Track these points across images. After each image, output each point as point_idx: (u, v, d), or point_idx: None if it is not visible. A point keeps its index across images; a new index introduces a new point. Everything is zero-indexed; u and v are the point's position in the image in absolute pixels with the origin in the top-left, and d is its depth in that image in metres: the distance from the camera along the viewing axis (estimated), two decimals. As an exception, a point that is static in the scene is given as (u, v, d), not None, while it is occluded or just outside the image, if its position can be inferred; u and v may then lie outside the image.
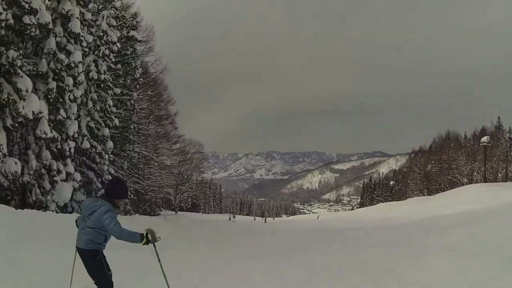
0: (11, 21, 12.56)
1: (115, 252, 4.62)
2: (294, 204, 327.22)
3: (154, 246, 4.42)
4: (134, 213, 27.12)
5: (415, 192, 72.02)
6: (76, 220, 4.72)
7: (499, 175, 56.84)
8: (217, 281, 6.72)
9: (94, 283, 4.33)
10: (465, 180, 59.18)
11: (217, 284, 6.53)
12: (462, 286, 6.36)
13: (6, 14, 12.27)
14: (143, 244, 4.24)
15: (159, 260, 4.60)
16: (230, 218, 61.53)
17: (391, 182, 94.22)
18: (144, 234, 4.25)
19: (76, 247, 4.36)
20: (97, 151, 20.55)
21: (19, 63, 12.68)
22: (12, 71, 12.64)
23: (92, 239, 4.25)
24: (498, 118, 64.43)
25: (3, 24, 12.18)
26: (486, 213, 17.50)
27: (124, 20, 25.63)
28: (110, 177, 22.15)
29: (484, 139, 49.02)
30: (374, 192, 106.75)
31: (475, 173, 59.27)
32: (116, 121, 22.18)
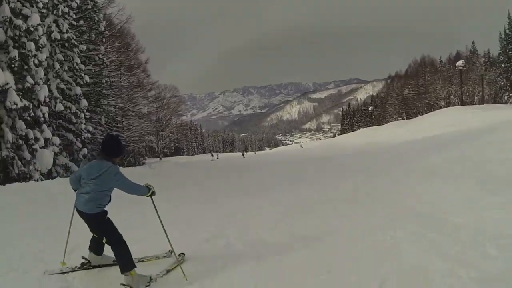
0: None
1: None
2: (276, 136, 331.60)
3: (152, 199, 4.68)
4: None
5: (394, 117, 73.42)
6: (71, 180, 4.64)
7: (476, 98, 58.10)
8: (204, 225, 7.02)
9: (105, 242, 4.46)
10: (443, 104, 60.53)
11: (203, 227, 6.83)
12: (444, 207, 6.82)
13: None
14: (147, 196, 4.56)
15: (156, 211, 4.79)
16: (212, 157, 62.08)
17: (370, 108, 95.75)
18: (149, 186, 4.56)
19: (79, 211, 4.36)
20: (72, 112, 20.26)
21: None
22: (-33, 46, 12.11)
23: (101, 203, 4.32)
24: (473, 43, 64.89)
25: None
26: (464, 135, 18.21)
27: (79, -28, 24.23)
28: (89, 135, 22.05)
29: (460, 63, 49.96)
30: (354, 118, 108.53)
31: (452, 96, 60.59)
32: (87, 78, 21.69)
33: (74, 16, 20.74)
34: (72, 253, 5.30)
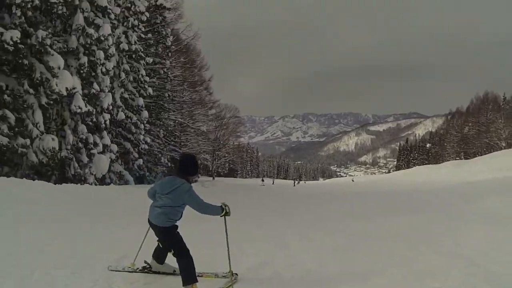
0: (37, 1, 12.59)
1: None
2: (331, 166, 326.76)
3: (225, 218, 4.77)
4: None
5: (451, 156, 70.32)
6: (148, 193, 4.90)
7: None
8: (254, 250, 6.75)
9: (172, 254, 4.64)
10: (504, 144, 57.06)
11: (253, 251, 6.56)
12: (502, 259, 6.04)
13: (31, -5, 12.26)
14: (221, 216, 4.64)
15: (226, 231, 4.88)
16: (262, 182, 61.52)
17: (428, 145, 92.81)
18: (223, 206, 4.64)
19: (151, 222, 4.59)
20: (133, 122, 20.85)
21: (48, 41, 12.80)
22: (43, 51, 12.77)
23: (172, 217, 4.47)
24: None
25: (29, 6, 12.22)
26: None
27: (152, -12, 25.31)
28: (146, 147, 22.48)
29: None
30: (411, 154, 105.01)
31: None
32: (150, 90, 22.31)
33: (143, 29, 21.57)
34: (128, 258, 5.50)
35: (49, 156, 13.00)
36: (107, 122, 17.05)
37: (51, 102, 13.56)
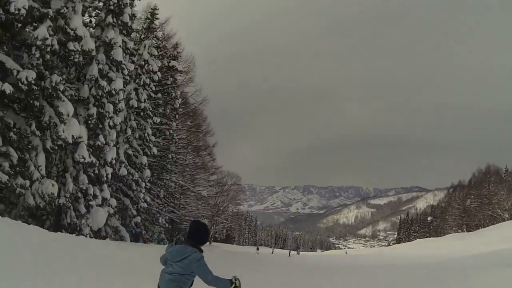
0: (56, 46, 12.94)
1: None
2: (330, 239, 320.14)
3: None
4: (168, 242, 26.78)
5: (453, 228, 69.38)
6: (161, 260, 4.75)
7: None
8: None
9: None
10: (506, 216, 56.76)
11: None
12: None
13: (52, 39, 12.65)
14: None
15: None
16: (257, 250, 60.12)
17: (429, 218, 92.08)
18: (233, 281, 4.42)
19: None
20: (134, 179, 20.64)
21: (61, 87, 12.98)
22: (54, 95, 12.92)
23: (181, 285, 4.38)
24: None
25: (48, 49, 12.54)
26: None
27: (165, 50, 26.22)
28: (145, 205, 22.03)
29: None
30: (411, 227, 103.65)
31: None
32: (155, 149, 22.30)
33: (154, 88, 21.95)
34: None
35: (46, 201, 12.70)
36: (109, 176, 16.82)
37: (56, 147, 13.46)
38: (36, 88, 12.40)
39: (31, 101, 12.37)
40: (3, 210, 12.30)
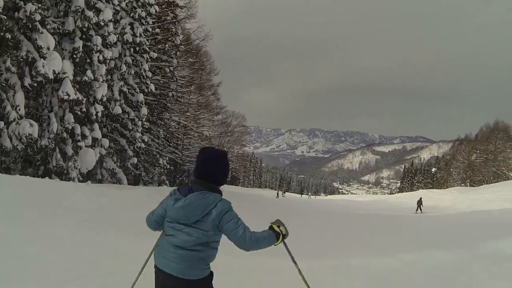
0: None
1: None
2: (333, 183, 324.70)
3: (284, 244, 2.81)
4: (169, 184, 26.14)
5: (457, 182, 69.19)
6: (148, 220, 2.83)
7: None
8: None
9: None
10: (511, 174, 55.96)
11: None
12: None
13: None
14: (276, 244, 2.67)
15: (292, 258, 2.99)
16: (278, 195, 59.78)
17: (433, 169, 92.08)
18: (276, 228, 2.68)
19: (163, 272, 2.52)
20: (130, 117, 19.60)
21: (38, 17, 11.55)
22: (30, 27, 11.54)
23: (207, 261, 2.60)
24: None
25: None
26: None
27: (164, -19, 24.33)
28: (143, 145, 20.97)
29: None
30: (415, 177, 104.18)
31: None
32: (152, 87, 21.20)
33: (151, 23, 20.43)
34: None
35: (25, 143, 11.73)
36: (99, 114, 15.66)
37: (35, 84, 12.28)
38: (5, 18, 10.96)
39: (2, 34, 10.98)
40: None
